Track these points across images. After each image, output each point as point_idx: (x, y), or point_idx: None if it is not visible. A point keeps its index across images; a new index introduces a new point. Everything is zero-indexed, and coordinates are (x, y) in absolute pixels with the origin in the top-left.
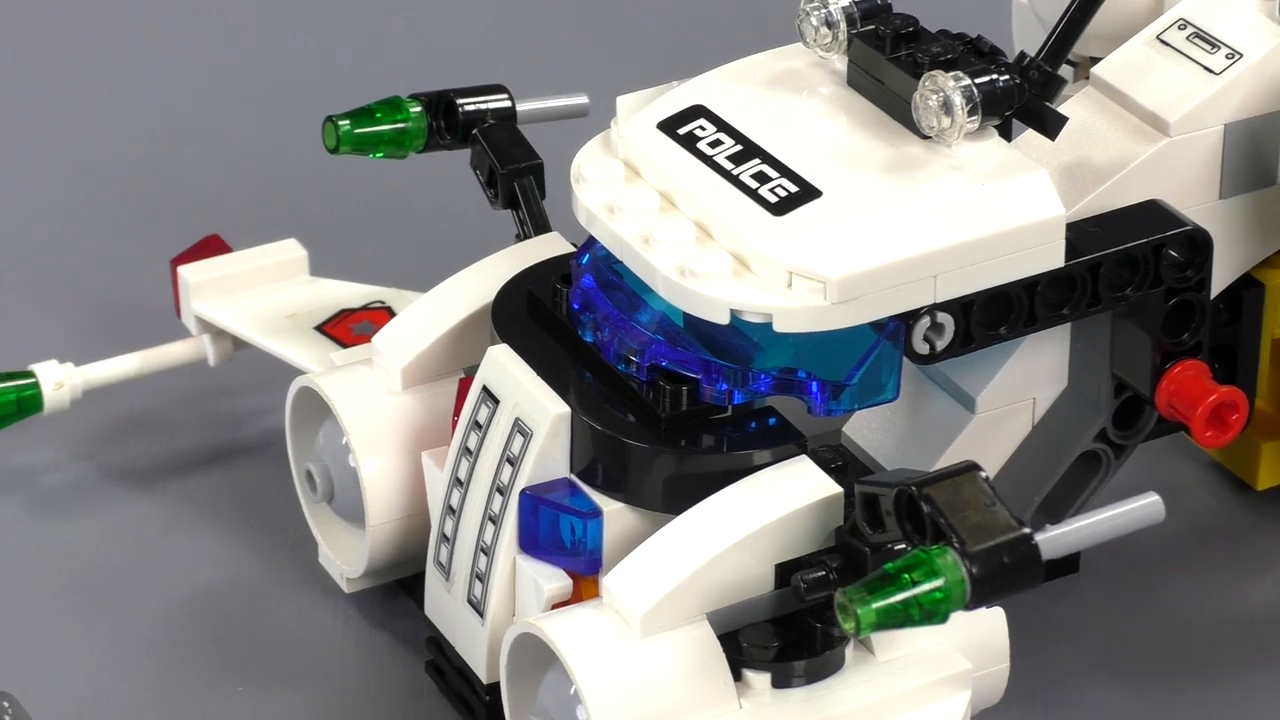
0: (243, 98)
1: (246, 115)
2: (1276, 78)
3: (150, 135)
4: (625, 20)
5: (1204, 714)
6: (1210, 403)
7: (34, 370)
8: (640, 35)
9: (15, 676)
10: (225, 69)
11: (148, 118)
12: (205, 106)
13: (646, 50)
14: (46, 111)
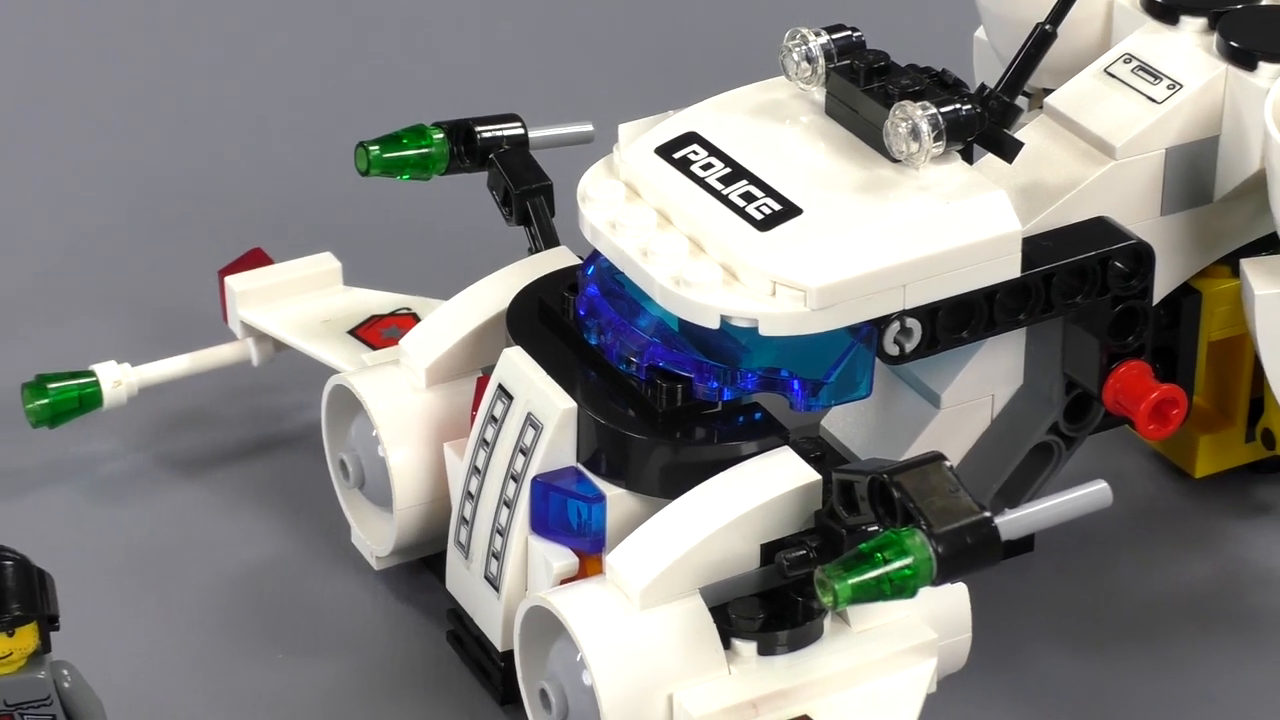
0: (284, 125)
1: (287, 141)
2: (1213, 106)
3: (202, 160)
4: (626, 56)
5: (1147, 678)
6: (1153, 399)
7: (94, 370)
8: (639, 69)
9: (74, 647)
10: (268, 101)
11: (200, 144)
12: (251, 134)
13: (645, 83)
14: (109, 139)
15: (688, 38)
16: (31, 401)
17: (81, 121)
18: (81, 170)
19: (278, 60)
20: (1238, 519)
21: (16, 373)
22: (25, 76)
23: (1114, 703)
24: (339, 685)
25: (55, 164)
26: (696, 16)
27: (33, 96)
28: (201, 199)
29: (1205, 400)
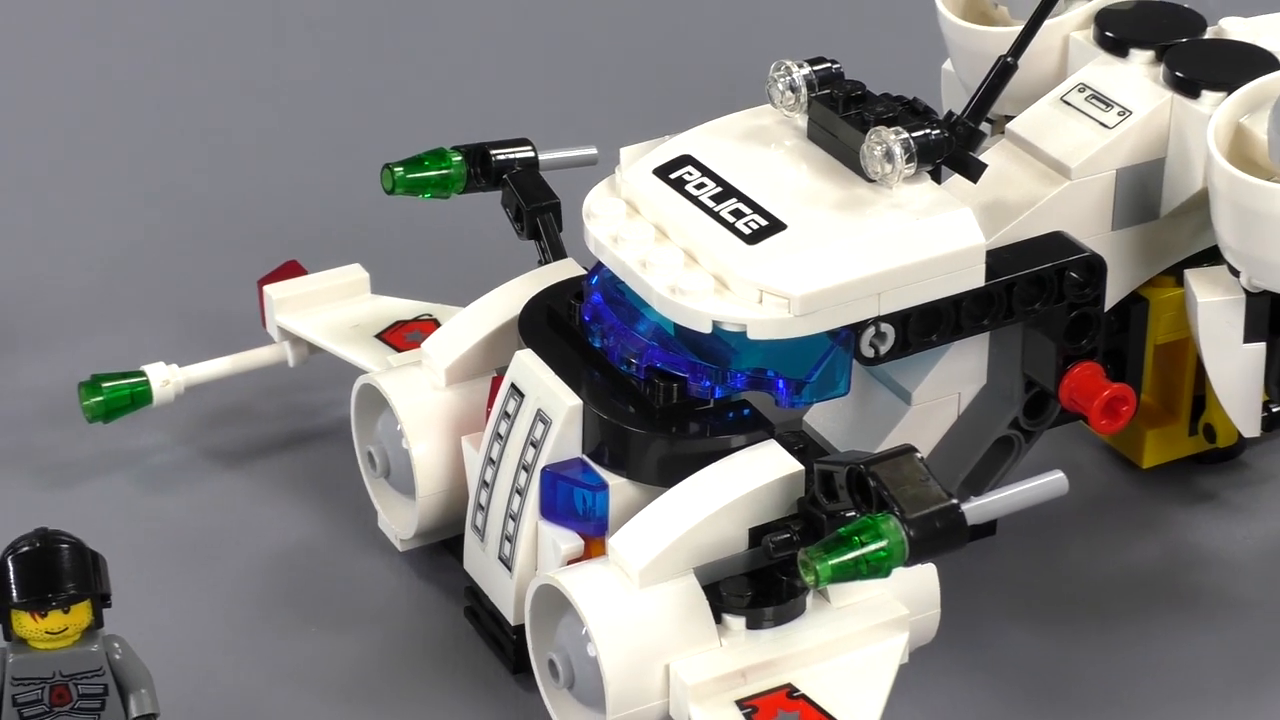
0: (317, 149)
1: (320, 163)
2: (1159, 131)
3: (243, 180)
4: (627, 86)
5: (1099, 652)
6: (1104, 397)
7: (145, 370)
8: (639, 98)
9: (125, 622)
10: (303, 127)
11: (241, 167)
12: (287, 157)
13: (644, 110)
14: (161, 162)
15: (682, 69)
16: (87, 399)
17: (135, 147)
18: (135, 190)
19: (312, 91)
20: (1181, 506)
21: (74, 373)
22: (88, 109)
23: (1068, 672)
24: (366, 655)
25: (111, 184)
26: (690, 50)
27: (94, 125)
28: (242, 216)
29: (1152, 398)
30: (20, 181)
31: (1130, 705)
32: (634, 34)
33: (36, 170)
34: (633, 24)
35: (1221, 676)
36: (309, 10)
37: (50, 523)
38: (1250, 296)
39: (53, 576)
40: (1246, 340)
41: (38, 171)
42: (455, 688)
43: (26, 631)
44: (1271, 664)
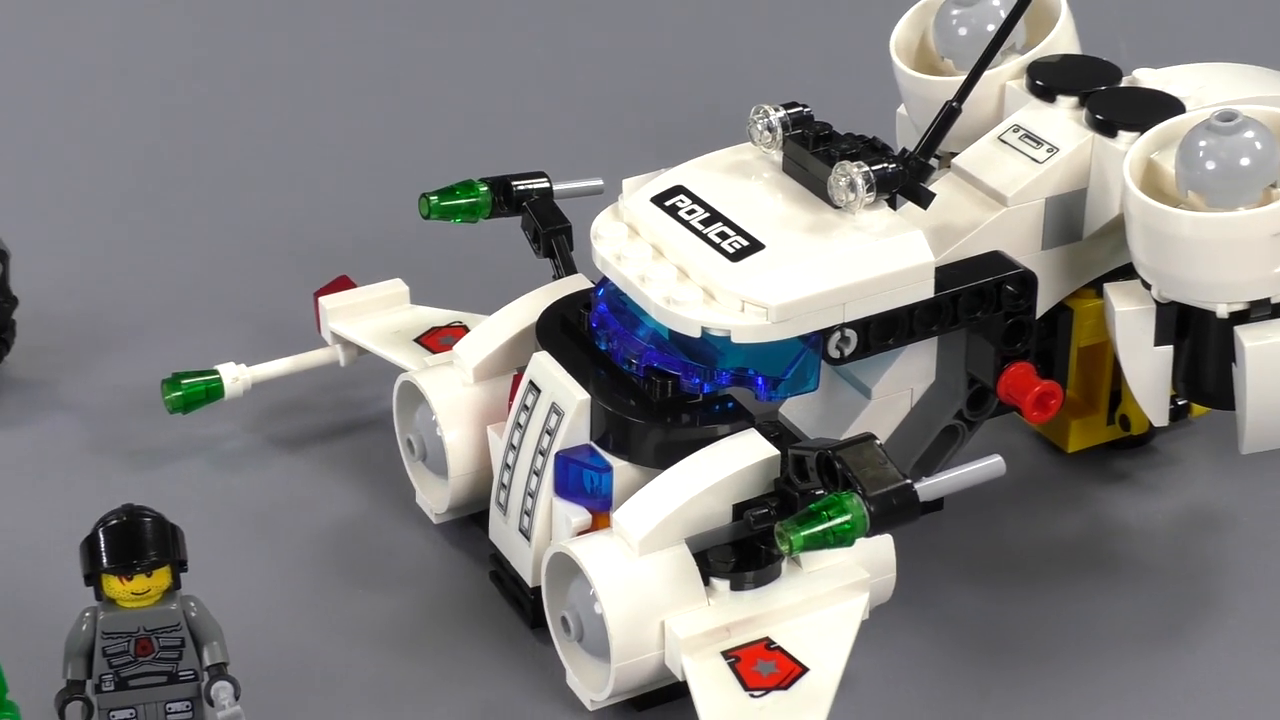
0: (365, 179)
1: (367, 192)
2: (1082, 165)
3: (302, 205)
4: (628, 126)
5: (1030, 608)
6: (1036, 392)
7: (218, 369)
8: (639, 137)
9: (199, 585)
10: (354, 160)
11: (301, 193)
12: (340, 186)
13: (643, 147)
14: (233, 188)
15: (676, 112)
16: (168, 394)
17: (213, 178)
18: (211, 216)
19: (361, 132)
20: (1100, 485)
21: (157, 371)
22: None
23: (1005, 627)
24: (405, 613)
25: (191, 211)
26: (682, 96)
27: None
28: (301, 238)
29: (1075, 392)
30: (116, 209)
31: (1058, 656)
32: (634, 81)
33: (130, 199)
34: (633, 73)
35: (1136, 630)
36: (353, 64)
37: (136, 499)
38: (1160, 306)
39: (137, 545)
40: (1157, 344)
41: (131, 200)
42: (481, 640)
43: (115, 592)
44: (1179, 619)
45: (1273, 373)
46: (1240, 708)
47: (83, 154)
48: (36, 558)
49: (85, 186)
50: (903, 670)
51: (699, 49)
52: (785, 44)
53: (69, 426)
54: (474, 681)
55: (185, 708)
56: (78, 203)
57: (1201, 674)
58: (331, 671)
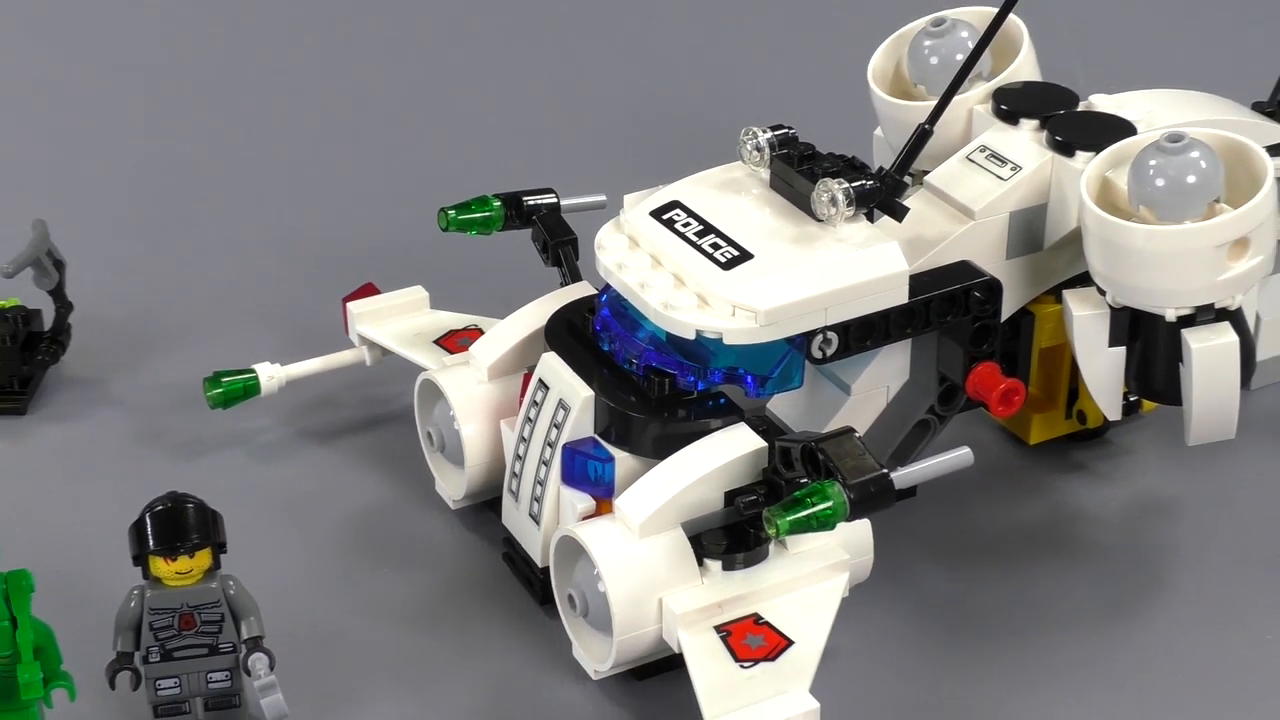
0: (389, 195)
1: (392, 206)
2: (1043, 182)
3: (333, 218)
4: (629, 146)
5: (996, 586)
6: (1001, 389)
7: (255, 368)
8: (638, 156)
9: (238, 565)
10: (379, 178)
11: (330, 209)
12: (367, 202)
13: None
14: (269, 202)
15: (672, 133)
16: (210, 390)
17: (250, 193)
18: (249, 228)
19: (386, 149)
20: (1060, 474)
21: (199, 370)
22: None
23: (973, 603)
24: (425, 591)
25: (230, 224)
26: (679, 119)
27: (219, 176)
28: (331, 248)
29: (1037, 389)
30: (160, 222)
31: (1021, 631)
32: (635, 106)
33: (173, 213)
34: (634, 98)
35: (1092, 605)
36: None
37: (179, 487)
38: (1114, 311)
39: (180, 529)
40: (1111, 345)
41: (174, 213)
42: (495, 616)
43: (160, 572)
44: (1131, 595)
45: (1216, 372)
46: (1187, 677)
47: (129, 172)
48: (88, 540)
49: (132, 202)
50: (879, 644)
51: (694, 77)
52: (773, 72)
53: (118, 421)
54: (487, 653)
55: (224, 677)
56: (125, 216)
57: (1151, 646)
58: (357, 644)
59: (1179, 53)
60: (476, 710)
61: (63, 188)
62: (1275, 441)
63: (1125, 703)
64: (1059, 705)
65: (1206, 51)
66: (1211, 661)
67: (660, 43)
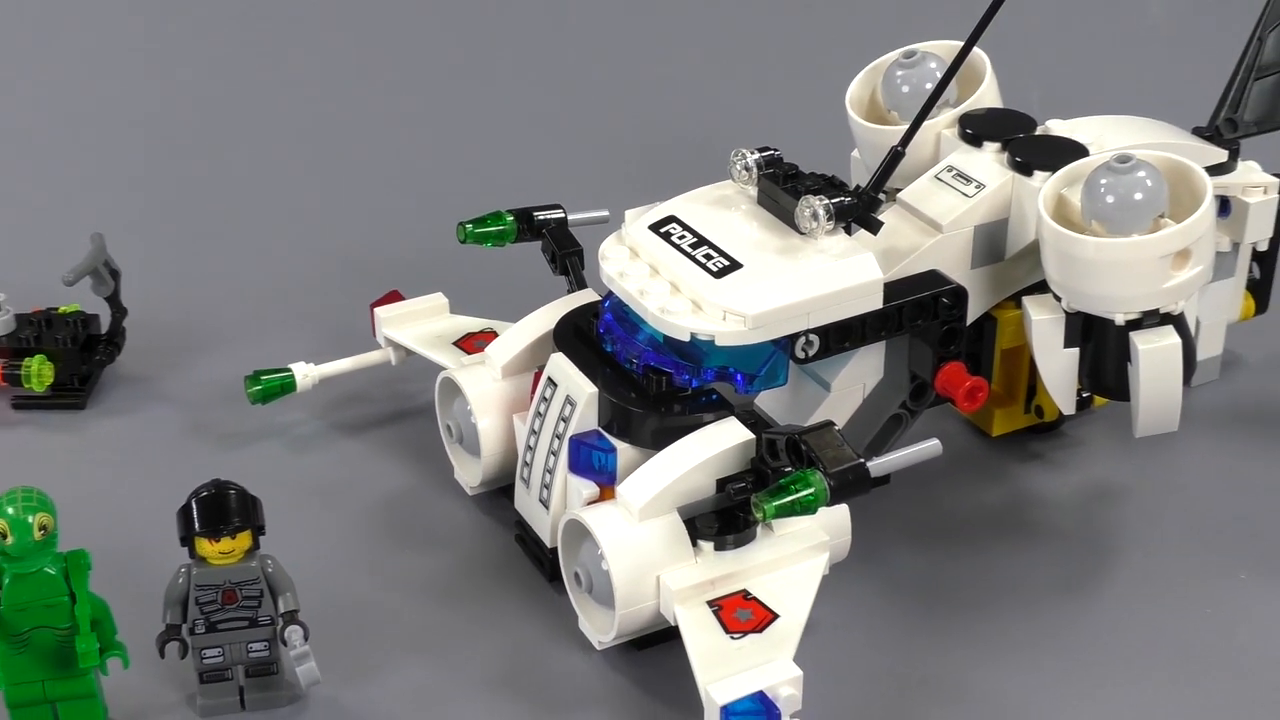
0: (412, 210)
1: (415, 220)
2: (1004, 199)
3: (363, 230)
4: (630, 166)
5: (962, 565)
6: (966, 386)
7: (291, 367)
8: (638, 174)
9: (275, 545)
10: (404, 194)
11: (360, 224)
12: (392, 216)
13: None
14: (304, 217)
15: (669, 154)
16: (250, 387)
17: (286, 207)
18: (286, 239)
19: (409, 167)
20: (1019, 463)
21: (240, 368)
22: (253, 177)
23: (941, 580)
24: (446, 568)
25: (264, 233)
26: (675, 141)
27: (258, 190)
28: (359, 256)
29: (999, 386)
30: (204, 234)
31: (984, 604)
32: (635, 130)
33: (216, 226)
34: (635, 123)
35: (1048, 582)
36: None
37: (222, 475)
38: (1068, 315)
39: (223, 513)
40: (1066, 346)
41: (217, 227)
42: (508, 591)
43: (205, 552)
44: (1084, 573)
45: (1161, 371)
46: (1134, 648)
47: (178, 190)
48: (140, 523)
49: (180, 217)
50: (856, 617)
51: (689, 105)
52: (760, 100)
53: (168, 415)
54: (501, 626)
55: (263, 647)
56: (175, 230)
57: (1101, 620)
58: (383, 617)
59: (1127, 82)
60: (491, 677)
61: (118, 204)
62: (1214, 434)
63: (1078, 671)
64: (1019, 673)
65: (1152, 80)
66: (1156, 633)
67: (658, 75)
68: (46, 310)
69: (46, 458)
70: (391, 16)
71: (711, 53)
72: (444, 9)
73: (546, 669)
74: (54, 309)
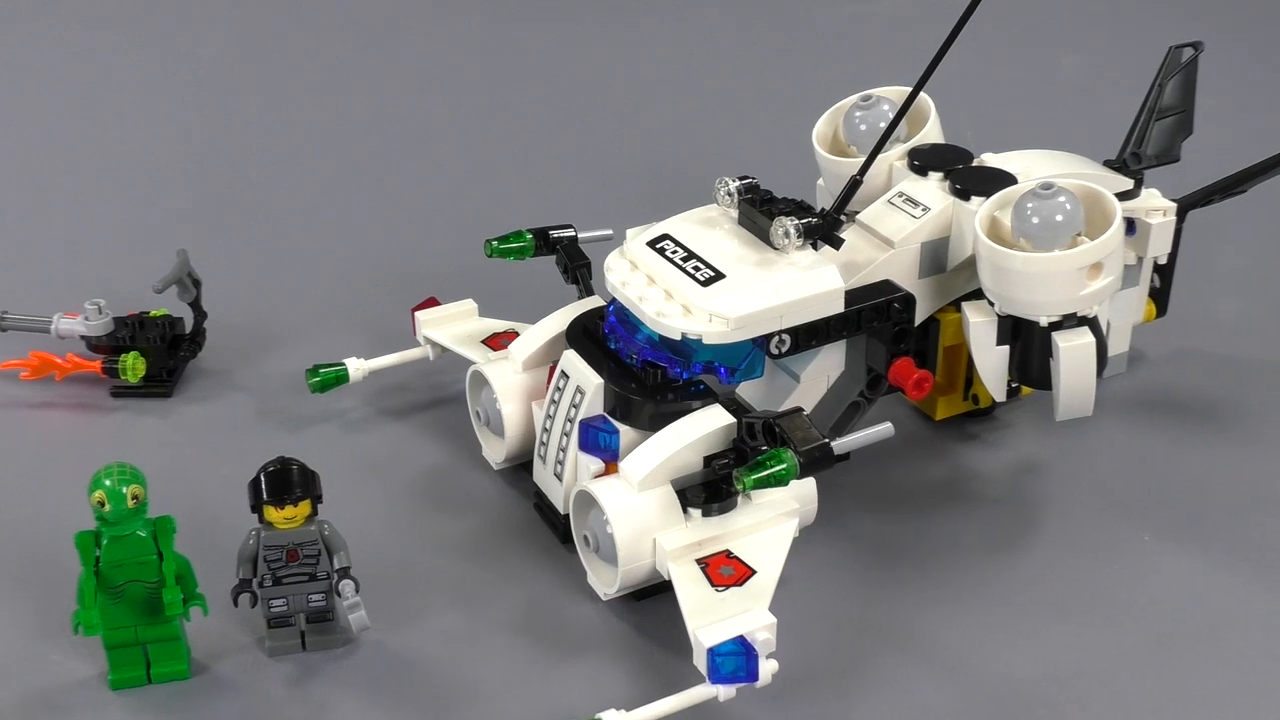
0: (448, 229)
1: (449, 238)
2: (946, 220)
3: (404, 247)
4: (632, 192)
5: (911, 529)
6: (914, 378)
7: (345, 361)
8: (638, 199)
9: (331, 512)
10: (441, 216)
11: (403, 239)
12: (430, 234)
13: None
14: (355, 233)
15: (664, 181)
16: (310, 378)
17: (337, 222)
18: (342, 253)
19: (445, 197)
20: (958, 442)
21: (302, 362)
22: (307, 202)
23: (892, 542)
24: (475, 531)
25: (322, 248)
26: (669, 170)
27: (320, 209)
28: (403, 268)
29: (941, 378)
30: (274, 250)
31: (929, 562)
32: (636, 161)
33: (284, 243)
34: (635, 155)
35: (984, 542)
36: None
37: (286, 453)
38: (1000, 318)
39: (288, 484)
40: (998, 344)
41: (285, 244)
42: (527, 551)
43: (272, 517)
44: (1014, 534)
45: (1078, 365)
46: (1056, 597)
47: (248, 213)
48: (217, 493)
49: (251, 235)
50: (822, 573)
51: (681, 139)
52: (741, 136)
53: (241, 402)
54: (522, 580)
55: (321, 598)
56: (247, 246)
57: (1028, 573)
58: (422, 572)
59: (1049, 122)
60: (513, 623)
61: (198, 226)
62: (1122, 418)
63: (1010, 616)
64: (958, 618)
65: (1069, 121)
66: (1074, 585)
67: (656, 116)
68: (139, 314)
69: (139, 438)
70: (433, 69)
71: (701, 98)
72: (480, 63)
73: (559, 616)
74: (146, 313)
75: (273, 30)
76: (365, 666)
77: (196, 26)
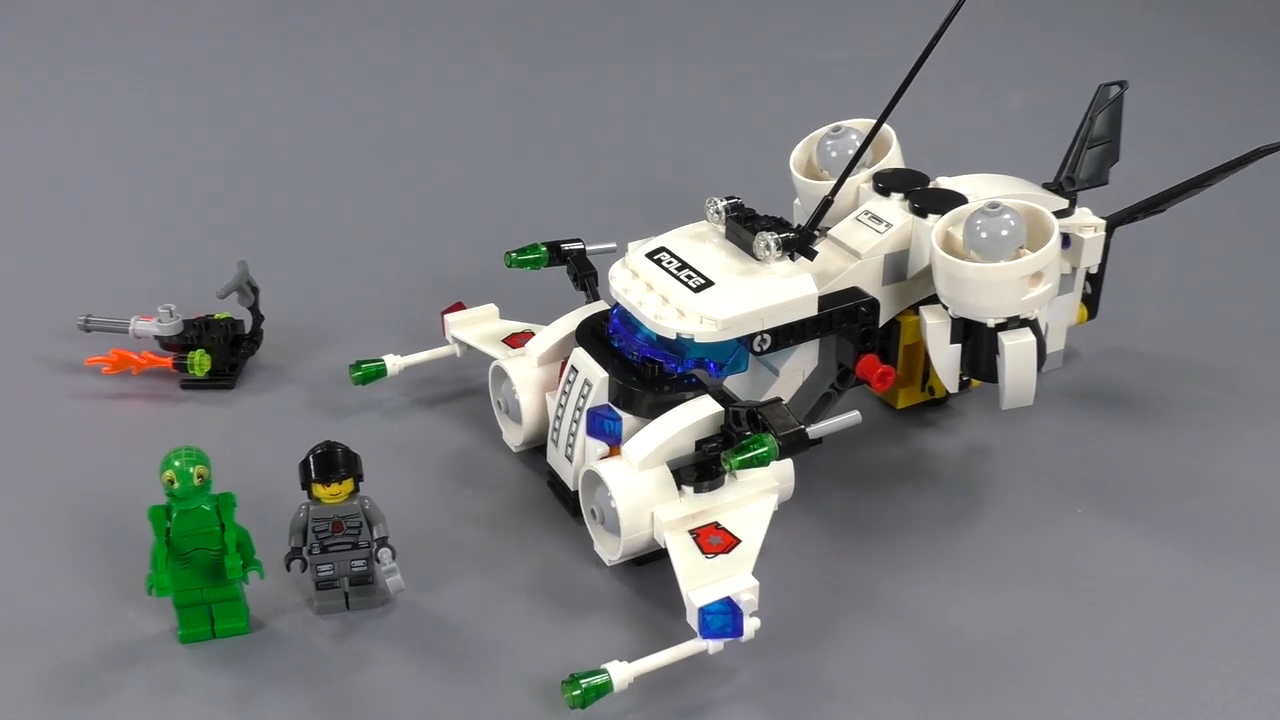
0: (473, 241)
1: (473, 250)
2: (907, 235)
3: (434, 258)
4: (632, 210)
5: (876, 505)
6: (879, 372)
7: (383, 358)
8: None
9: (372, 489)
10: (467, 234)
11: (433, 251)
12: (458, 248)
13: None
14: (392, 245)
15: (662, 200)
16: (353, 373)
17: (374, 234)
18: (376, 262)
19: (470, 213)
20: (917, 428)
21: (346, 359)
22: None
23: (859, 515)
24: (496, 506)
25: (362, 260)
26: (666, 191)
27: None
28: (433, 276)
29: (902, 372)
30: (322, 261)
31: (892, 534)
32: (637, 181)
33: (331, 255)
34: (636, 176)
35: (938, 516)
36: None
37: (332, 437)
38: (953, 320)
39: (333, 465)
40: (951, 343)
41: (331, 256)
42: (542, 523)
43: (319, 494)
44: (965, 510)
45: (1020, 361)
46: (1002, 565)
47: (300, 226)
48: (273, 473)
49: (302, 247)
50: (797, 543)
51: (677, 165)
52: (728, 161)
53: (293, 393)
54: (536, 548)
55: (362, 564)
56: (299, 257)
57: (978, 544)
58: (450, 541)
59: (995, 150)
60: (530, 586)
61: (258, 237)
62: (1059, 407)
63: (960, 582)
64: (917, 583)
65: (1012, 149)
66: (1017, 554)
67: (656, 143)
68: (205, 317)
69: (205, 424)
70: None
71: (694, 127)
72: (504, 103)
73: (570, 580)
74: (211, 316)
75: (318, 68)
76: (401, 623)
77: (251, 49)
